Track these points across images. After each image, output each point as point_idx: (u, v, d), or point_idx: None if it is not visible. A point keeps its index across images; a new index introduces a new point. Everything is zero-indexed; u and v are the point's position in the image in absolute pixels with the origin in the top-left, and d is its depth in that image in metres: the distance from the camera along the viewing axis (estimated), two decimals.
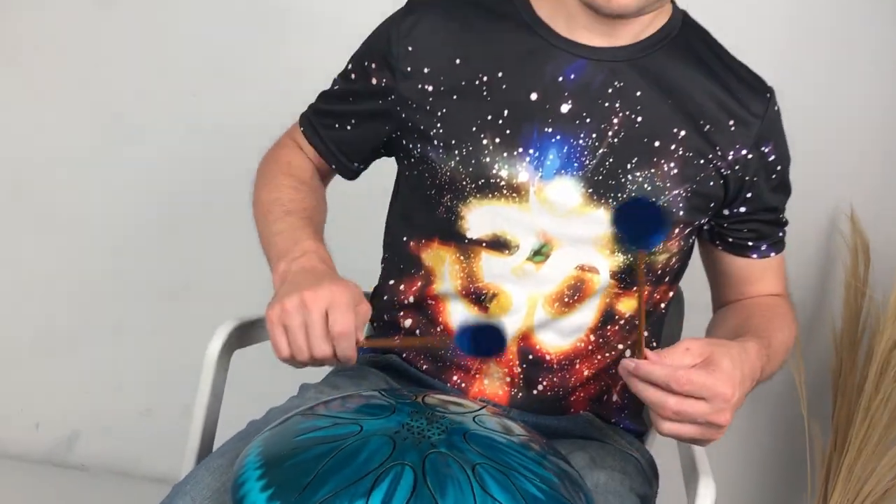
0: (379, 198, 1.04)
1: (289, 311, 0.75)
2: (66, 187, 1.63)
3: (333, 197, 1.02)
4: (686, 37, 0.89)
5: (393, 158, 0.99)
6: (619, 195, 0.85)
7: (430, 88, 0.88)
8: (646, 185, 0.85)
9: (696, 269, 1.09)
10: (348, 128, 0.96)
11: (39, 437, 1.72)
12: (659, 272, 0.92)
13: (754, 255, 0.96)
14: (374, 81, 0.92)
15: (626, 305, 0.91)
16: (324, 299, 0.75)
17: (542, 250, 0.87)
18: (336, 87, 0.97)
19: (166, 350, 1.69)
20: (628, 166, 0.85)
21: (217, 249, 1.67)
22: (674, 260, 0.93)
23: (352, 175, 1.01)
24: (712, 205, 0.90)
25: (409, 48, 0.89)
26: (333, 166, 0.99)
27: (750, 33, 1.74)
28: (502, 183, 0.86)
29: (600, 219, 0.86)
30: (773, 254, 0.97)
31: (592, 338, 0.92)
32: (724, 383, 0.70)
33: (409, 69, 0.89)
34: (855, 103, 1.86)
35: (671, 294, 0.98)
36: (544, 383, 0.92)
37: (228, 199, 1.62)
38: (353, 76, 0.95)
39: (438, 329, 0.93)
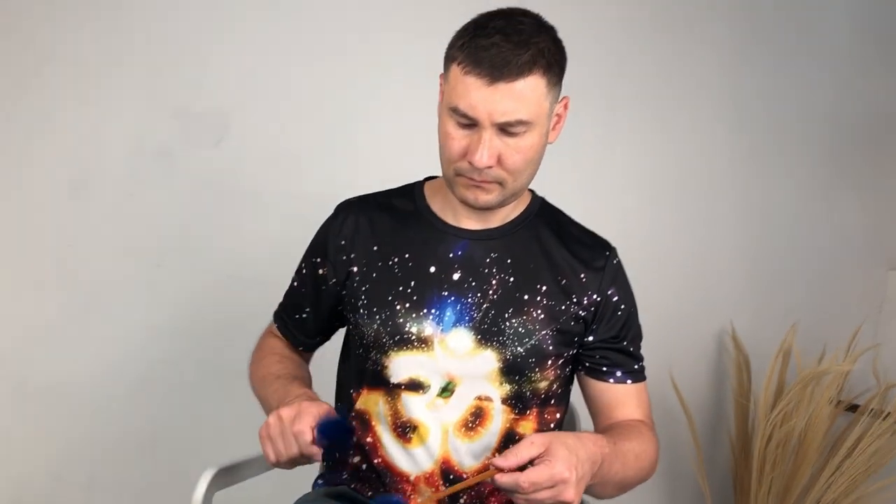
0: None
1: (269, 424, 1.01)
2: (40, 356, 1.74)
3: None
4: (542, 216, 1.20)
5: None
6: (501, 338, 1.11)
7: (356, 269, 1.16)
8: (520, 329, 1.12)
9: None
10: (304, 315, 1.25)
11: None
12: (543, 396, 1.16)
13: (610, 380, 1.18)
14: (319, 272, 1.21)
15: (524, 427, 1.15)
16: (293, 410, 1.00)
17: (448, 387, 1.12)
18: (294, 284, 1.27)
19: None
20: (506, 315, 1.12)
21: (183, 406, 1.82)
22: (555, 386, 1.17)
23: (315, 347, 1.31)
24: (575, 339, 1.16)
25: (342, 242, 1.18)
26: (301, 348, 1.29)
27: (637, 203, 2.11)
28: (413, 337, 1.12)
29: (489, 358, 1.11)
30: (629, 381, 1.18)
31: (498, 455, 1.14)
32: (560, 468, 0.91)
33: (343, 258, 1.18)
34: (726, 244, 2.21)
35: (559, 415, 1.21)
36: (464, 497, 1.15)
37: (191, 358, 1.82)
38: (304, 271, 1.24)
39: (376, 461, 1.15)
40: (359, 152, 1.89)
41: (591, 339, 1.17)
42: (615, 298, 1.17)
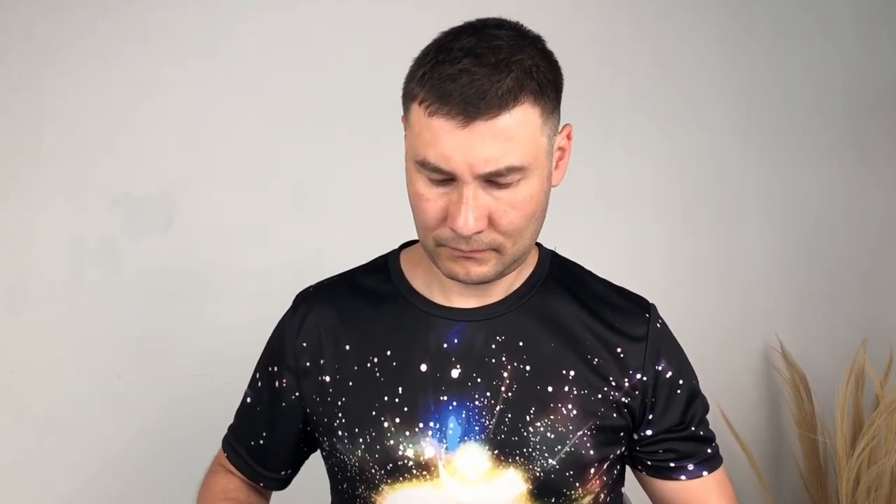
0: None
1: None
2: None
3: None
4: (556, 277, 0.93)
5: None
6: (525, 450, 0.85)
7: (328, 379, 0.90)
8: (549, 434, 0.85)
9: None
10: (261, 441, 0.97)
11: None
12: None
13: (682, 477, 0.93)
14: (276, 384, 0.94)
15: None
16: None
17: None
18: (247, 400, 0.99)
19: None
20: (527, 418, 0.85)
21: None
22: (602, 496, 0.91)
23: (282, 484, 1.00)
24: (622, 434, 0.90)
25: (304, 344, 0.92)
26: (261, 483, 0.99)
27: (648, 221, 1.87)
28: (410, 463, 0.85)
29: (513, 479, 0.84)
30: (705, 472, 0.93)
31: None
32: None
33: (307, 364, 0.91)
34: (757, 251, 1.96)
35: None
36: None
37: (168, 473, 1.59)
38: (259, 384, 0.97)
39: None
40: (324, 217, 1.68)
41: (648, 432, 0.91)
42: (668, 374, 0.91)
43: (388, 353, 0.89)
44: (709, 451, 0.94)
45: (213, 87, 1.62)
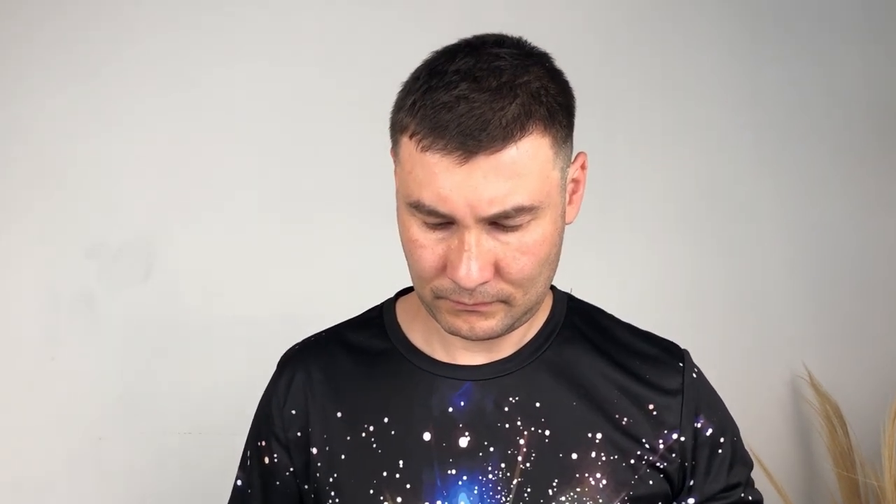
0: None
1: None
2: None
3: None
4: (574, 325, 0.82)
5: None
6: None
7: (315, 451, 0.80)
8: None
9: None
10: None
11: None
12: None
13: None
14: (267, 461, 0.83)
15: None
16: None
17: None
18: (238, 483, 0.88)
19: None
20: (550, 492, 0.75)
21: None
22: None
23: None
24: None
25: (293, 412, 0.82)
26: None
27: (655, 243, 1.77)
28: None
29: None
30: None
31: None
32: None
33: (298, 434, 0.81)
34: (777, 271, 1.86)
35: None
36: None
37: None
38: (248, 463, 0.87)
39: None
40: (316, 260, 1.57)
41: (691, 501, 0.80)
42: (709, 431, 0.80)
43: (386, 420, 0.78)
44: None
45: (192, 123, 1.52)
